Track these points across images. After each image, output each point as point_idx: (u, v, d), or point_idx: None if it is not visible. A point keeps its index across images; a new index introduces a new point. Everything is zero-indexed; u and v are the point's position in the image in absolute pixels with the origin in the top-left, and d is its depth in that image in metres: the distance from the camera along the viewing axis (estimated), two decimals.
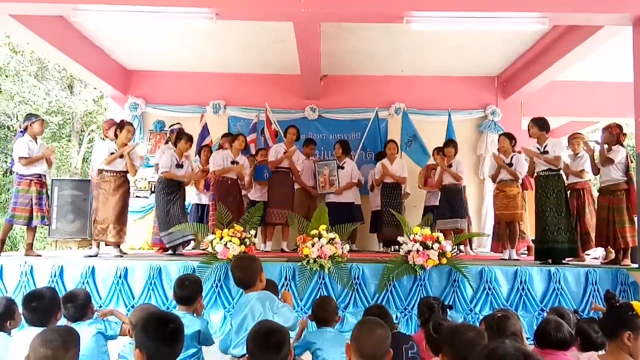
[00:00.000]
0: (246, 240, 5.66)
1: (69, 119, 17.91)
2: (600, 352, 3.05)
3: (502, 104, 9.89)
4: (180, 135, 7.12)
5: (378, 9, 6.21)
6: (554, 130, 13.23)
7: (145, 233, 8.44)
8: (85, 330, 3.35)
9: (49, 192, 6.83)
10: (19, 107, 16.09)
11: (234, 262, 3.50)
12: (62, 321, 3.53)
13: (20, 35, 7.58)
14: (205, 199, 8.21)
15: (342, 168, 8.31)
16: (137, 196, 8.91)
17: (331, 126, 9.89)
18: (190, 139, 7.14)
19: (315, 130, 9.85)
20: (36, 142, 6.43)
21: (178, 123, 8.25)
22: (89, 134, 17.95)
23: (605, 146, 6.43)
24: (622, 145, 6.39)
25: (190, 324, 3.45)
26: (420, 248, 5.47)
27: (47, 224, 6.72)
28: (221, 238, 5.58)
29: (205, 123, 9.29)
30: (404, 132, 9.63)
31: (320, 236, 5.54)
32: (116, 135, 6.67)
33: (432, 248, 5.47)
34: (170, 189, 6.85)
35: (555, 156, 6.36)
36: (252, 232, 5.86)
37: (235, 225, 5.76)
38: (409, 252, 5.52)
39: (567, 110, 10.36)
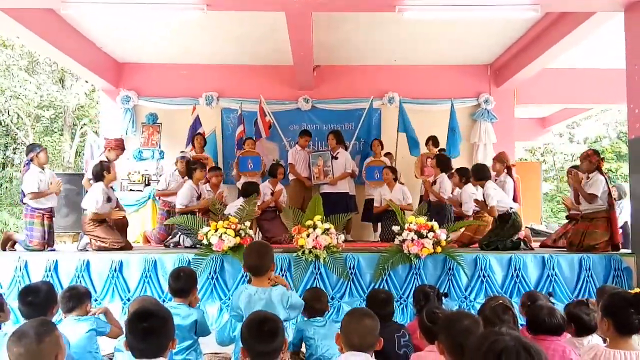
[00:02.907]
0: (241, 231, 5.66)
1: (61, 112, 17.80)
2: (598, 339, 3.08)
3: (495, 92, 9.88)
4: (194, 165, 7.13)
5: None
6: (547, 117, 13.33)
7: (140, 226, 8.42)
8: (80, 327, 3.39)
9: None
10: (10, 101, 15.98)
11: (250, 248, 3.42)
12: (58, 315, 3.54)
13: (9, 29, 7.48)
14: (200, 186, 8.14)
15: (336, 158, 8.31)
16: (130, 189, 8.89)
17: (325, 117, 9.86)
18: (204, 166, 7.24)
19: (309, 120, 9.82)
20: (44, 171, 6.43)
21: (184, 151, 8.15)
22: (81, 127, 17.84)
23: (585, 175, 6.24)
24: (601, 172, 6.07)
25: (186, 315, 3.47)
26: (415, 237, 5.49)
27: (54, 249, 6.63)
28: (216, 230, 5.57)
29: (197, 115, 9.26)
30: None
31: (315, 227, 5.55)
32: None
33: (426, 237, 5.49)
34: None
35: (490, 207, 6.29)
36: (247, 223, 5.86)
37: (230, 217, 5.77)
38: (403, 241, 5.54)
39: (560, 98, 10.40)
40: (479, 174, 6.56)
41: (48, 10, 7.25)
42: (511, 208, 6.40)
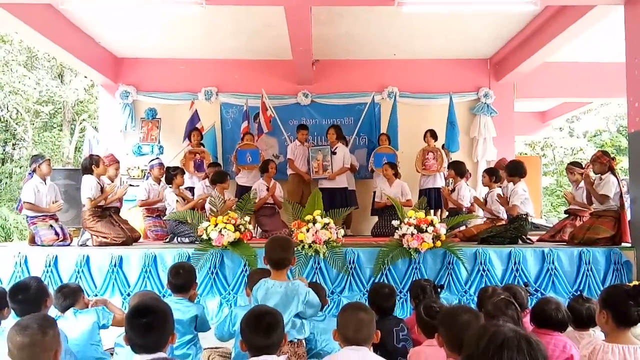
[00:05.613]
0: (241, 226, 5.66)
1: (60, 108, 17.77)
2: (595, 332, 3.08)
3: (495, 86, 9.86)
4: (174, 171, 7.15)
5: None
6: (547, 111, 13.30)
7: (139, 221, 8.41)
8: (82, 320, 3.39)
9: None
10: (9, 97, 15.95)
11: (272, 241, 3.36)
12: (54, 311, 3.54)
13: (8, 24, 7.46)
14: (197, 181, 8.14)
15: (335, 153, 8.30)
16: (130, 185, 8.87)
17: (324, 111, 9.83)
18: (184, 172, 7.37)
19: (308, 115, 9.80)
20: (45, 183, 6.41)
21: (157, 158, 8.09)
22: (80, 123, 17.82)
23: (597, 176, 6.21)
24: (613, 172, 6.04)
25: (186, 309, 3.47)
26: (415, 231, 5.49)
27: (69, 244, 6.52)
28: (216, 225, 5.57)
29: (196, 110, 9.24)
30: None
31: (314, 221, 5.55)
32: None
33: (426, 231, 5.49)
34: None
35: (512, 205, 6.39)
36: (247, 218, 5.85)
37: (229, 212, 5.76)
38: (403, 235, 5.54)
39: (560, 91, 10.38)
40: (514, 170, 6.59)
41: (46, 5, 7.21)
42: (527, 214, 6.44)
